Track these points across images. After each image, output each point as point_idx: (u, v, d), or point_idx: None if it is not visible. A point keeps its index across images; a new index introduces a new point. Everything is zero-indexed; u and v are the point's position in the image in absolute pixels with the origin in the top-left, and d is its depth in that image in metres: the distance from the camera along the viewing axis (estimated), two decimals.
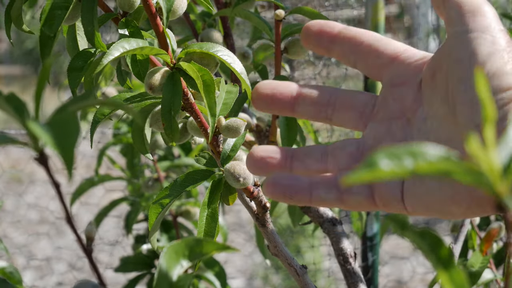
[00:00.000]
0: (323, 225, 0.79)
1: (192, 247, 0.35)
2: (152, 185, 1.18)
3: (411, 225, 0.30)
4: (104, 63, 0.51)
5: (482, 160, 0.27)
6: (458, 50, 0.46)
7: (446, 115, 0.47)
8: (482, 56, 0.45)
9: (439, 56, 0.48)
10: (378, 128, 0.50)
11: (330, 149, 0.50)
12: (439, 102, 0.47)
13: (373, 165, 0.27)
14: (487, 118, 0.28)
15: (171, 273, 0.35)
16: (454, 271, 0.28)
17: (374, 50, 0.51)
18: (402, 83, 0.50)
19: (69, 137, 0.29)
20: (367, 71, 0.52)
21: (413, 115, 0.49)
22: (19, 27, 0.60)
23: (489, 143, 0.27)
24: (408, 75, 0.50)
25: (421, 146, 0.27)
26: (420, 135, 0.48)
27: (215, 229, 0.60)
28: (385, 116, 0.50)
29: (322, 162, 0.50)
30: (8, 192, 3.36)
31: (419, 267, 2.59)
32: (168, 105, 0.55)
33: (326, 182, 0.48)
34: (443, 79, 0.47)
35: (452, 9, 0.47)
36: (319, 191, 0.48)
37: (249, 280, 2.67)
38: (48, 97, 3.15)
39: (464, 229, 0.86)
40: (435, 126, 0.48)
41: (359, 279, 0.75)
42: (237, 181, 0.59)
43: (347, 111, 0.51)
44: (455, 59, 0.46)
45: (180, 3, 0.57)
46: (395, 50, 0.50)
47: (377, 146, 0.49)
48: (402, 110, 0.50)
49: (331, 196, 0.48)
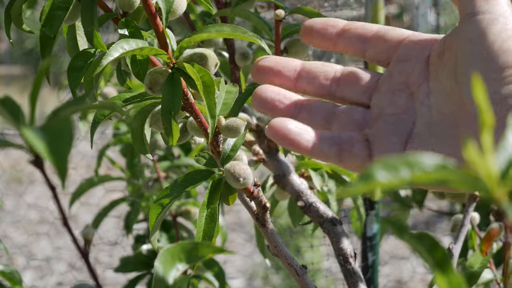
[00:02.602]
0: (323, 225, 0.79)
1: (188, 251, 0.35)
2: (152, 185, 1.18)
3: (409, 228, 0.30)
4: (103, 64, 0.51)
5: (480, 165, 0.27)
6: (470, 30, 0.47)
7: (452, 90, 0.48)
8: (493, 35, 0.46)
9: (450, 36, 0.49)
10: (382, 99, 0.51)
11: (338, 111, 0.52)
12: (445, 77, 0.49)
13: (370, 177, 0.27)
14: (485, 124, 0.27)
15: (167, 276, 0.35)
16: (452, 275, 0.28)
17: (382, 36, 0.52)
18: (408, 58, 0.51)
19: (62, 145, 0.28)
20: (376, 57, 0.52)
21: (417, 89, 0.50)
22: (19, 26, 0.60)
23: (486, 149, 0.27)
24: (415, 52, 0.51)
25: (417, 156, 0.27)
26: (422, 108, 0.50)
27: (214, 229, 0.60)
28: (389, 89, 0.51)
29: (327, 121, 0.51)
30: (8, 192, 3.35)
31: (419, 267, 2.59)
32: (168, 105, 0.55)
33: (331, 138, 0.49)
34: (452, 56, 0.48)
35: None
36: (323, 145, 0.49)
37: (249, 280, 2.67)
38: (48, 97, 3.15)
39: (464, 229, 0.86)
40: (439, 101, 0.49)
41: (359, 279, 0.75)
42: (237, 181, 0.59)
43: (351, 86, 0.52)
44: (466, 37, 0.47)
45: (180, 3, 0.57)
46: (402, 33, 0.52)
47: (380, 114, 0.51)
48: (407, 83, 0.51)
49: (332, 151, 0.49)
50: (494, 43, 0.46)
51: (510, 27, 0.46)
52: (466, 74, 0.46)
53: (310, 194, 0.79)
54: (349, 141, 0.49)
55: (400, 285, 2.57)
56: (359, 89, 0.52)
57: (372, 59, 0.53)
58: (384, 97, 0.51)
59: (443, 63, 0.49)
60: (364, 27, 0.53)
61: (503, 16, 0.47)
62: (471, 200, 0.85)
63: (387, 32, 0.52)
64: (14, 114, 0.32)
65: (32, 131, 0.29)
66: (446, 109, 0.48)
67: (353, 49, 0.53)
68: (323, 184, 0.88)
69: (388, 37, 0.52)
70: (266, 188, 0.86)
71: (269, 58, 0.52)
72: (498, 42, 0.46)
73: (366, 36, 0.52)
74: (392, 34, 0.52)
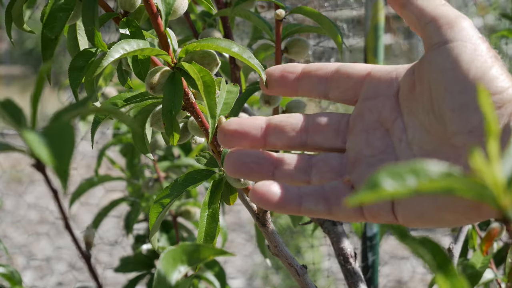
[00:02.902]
0: (323, 225, 0.79)
1: (190, 253, 0.35)
2: (152, 185, 1.18)
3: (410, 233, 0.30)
4: (104, 65, 0.51)
5: (486, 174, 0.27)
6: (440, 60, 0.46)
7: (431, 125, 0.46)
8: (465, 63, 0.45)
9: (418, 68, 0.48)
10: (357, 140, 0.50)
11: (314, 161, 0.50)
12: (421, 112, 0.47)
13: (376, 186, 0.26)
14: (491, 132, 0.27)
15: (169, 278, 0.35)
16: (455, 279, 0.28)
17: (344, 73, 0.51)
18: (376, 95, 0.50)
19: (64, 151, 0.28)
20: (340, 97, 0.51)
21: (391, 125, 0.49)
22: (20, 26, 0.59)
23: (492, 157, 0.27)
24: (382, 87, 0.49)
25: (423, 163, 0.27)
26: (401, 145, 0.48)
27: (216, 229, 0.60)
28: (362, 128, 0.50)
29: (305, 173, 0.50)
30: (8, 192, 3.35)
31: (419, 267, 2.59)
32: (169, 104, 0.55)
33: (315, 193, 0.48)
34: (424, 89, 0.47)
35: (429, 24, 0.47)
36: (309, 202, 0.47)
37: (249, 280, 2.67)
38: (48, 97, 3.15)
39: (465, 229, 0.86)
40: (418, 137, 0.47)
41: (359, 279, 0.75)
42: (237, 181, 0.59)
43: (321, 132, 0.51)
44: (438, 69, 0.46)
45: (181, 3, 0.57)
46: (364, 68, 0.51)
47: (358, 158, 0.49)
48: (379, 120, 0.49)
49: (320, 207, 0.47)
50: (469, 72, 0.44)
51: (480, 53, 0.45)
52: (445, 108, 0.45)
53: None
54: (335, 193, 0.48)
55: (400, 285, 2.57)
56: (331, 134, 0.51)
57: (337, 99, 0.51)
58: (359, 138, 0.50)
59: (416, 98, 0.48)
60: (323, 67, 0.51)
61: (471, 42, 0.45)
62: None
63: (348, 69, 0.51)
64: (16, 117, 0.32)
65: (34, 136, 0.29)
66: (428, 145, 0.47)
67: (315, 92, 0.51)
68: None
69: (349, 74, 0.50)
70: None
71: (233, 121, 0.51)
72: (472, 70, 0.44)
73: (326, 76, 0.51)
74: (353, 69, 0.51)
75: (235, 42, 0.56)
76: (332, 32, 0.70)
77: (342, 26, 1.53)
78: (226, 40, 0.56)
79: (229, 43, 0.55)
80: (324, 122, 0.51)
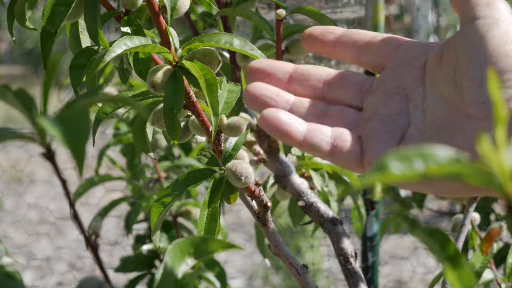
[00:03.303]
0: (324, 225, 0.79)
1: (198, 245, 0.35)
2: (152, 185, 1.18)
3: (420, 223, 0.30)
4: (106, 60, 0.51)
5: (493, 161, 0.27)
6: (471, 34, 0.47)
7: (450, 95, 0.48)
8: (494, 39, 0.46)
9: (449, 41, 0.49)
10: (375, 101, 0.51)
11: (330, 111, 0.51)
12: (442, 82, 0.49)
13: (384, 168, 0.26)
14: (498, 119, 0.27)
15: (176, 270, 0.35)
16: (463, 270, 0.28)
17: (378, 41, 0.52)
18: (404, 62, 0.51)
19: (79, 133, 0.28)
20: (372, 62, 0.52)
21: (412, 92, 0.50)
22: (22, 24, 0.60)
23: (500, 144, 0.27)
24: (411, 56, 0.51)
25: (431, 148, 0.27)
26: (416, 111, 0.50)
27: (216, 228, 0.60)
28: (384, 92, 0.51)
29: (318, 121, 0.51)
30: (8, 192, 3.36)
31: (419, 267, 2.59)
32: (170, 103, 0.55)
33: (323, 131, 0.49)
34: (451, 60, 0.48)
35: (468, 1, 0.49)
36: (314, 137, 0.48)
37: (249, 280, 2.67)
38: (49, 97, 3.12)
39: (465, 229, 0.86)
40: (434, 105, 0.49)
41: (360, 279, 0.75)
42: (238, 180, 0.59)
43: (343, 88, 0.52)
44: (467, 41, 0.47)
45: (183, 1, 0.57)
46: (398, 38, 0.52)
47: (373, 115, 0.50)
48: (402, 87, 0.51)
49: (323, 144, 0.48)
50: (495, 46, 0.46)
51: (510, 33, 0.47)
52: (466, 78, 0.47)
53: (311, 194, 0.79)
54: (341, 136, 0.49)
55: (400, 285, 2.58)
56: (352, 92, 0.52)
57: (368, 65, 0.53)
58: (378, 100, 0.51)
59: (441, 68, 0.49)
60: (361, 33, 0.53)
61: (503, 21, 0.47)
62: (472, 200, 0.85)
63: (383, 37, 0.52)
64: (28, 106, 0.32)
65: (49, 120, 0.29)
66: (442, 113, 0.48)
67: (350, 55, 0.53)
68: (324, 184, 0.88)
69: (384, 41, 0.52)
70: (267, 188, 0.86)
71: (263, 61, 0.52)
72: (499, 46, 0.46)
73: (363, 42, 0.53)
74: (388, 38, 0.52)
75: (236, 36, 0.56)
76: None
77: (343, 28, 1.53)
78: (226, 34, 0.56)
79: (230, 37, 0.56)
80: (348, 80, 0.52)
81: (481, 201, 1.08)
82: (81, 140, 0.28)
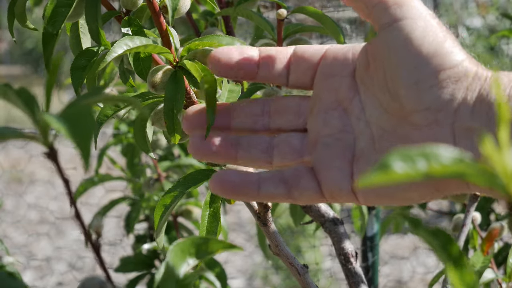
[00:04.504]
0: (325, 224, 0.79)
1: (199, 245, 0.35)
2: (153, 185, 1.18)
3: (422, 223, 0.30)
4: (108, 60, 0.51)
5: (496, 161, 0.27)
6: (391, 39, 0.45)
7: (388, 104, 0.46)
8: (417, 39, 0.44)
9: (370, 48, 0.47)
10: (316, 121, 0.49)
11: (276, 142, 0.50)
12: (377, 91, 0.47)
13: (386, 168, 0.26)
14: (502, 119, 0.27)
15: (178, 270, 0.35)
16: (465, 270, 0.28)
17: (300, 56, 0.50)
18: (333, 74, 0.49)
19: (84, 127, 0.28)
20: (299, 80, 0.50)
21: (349, 104, 0.48)
22: (23, 23, 0.59)
23: (503, 145, 0.27)
24: (338, 66, 0.49)
25: (434, 148, 0.27)
26: (360, 124, 0.48)
27: (217, 228, 0.60)
28: (321, 109, 0.49)
29: (267, 154, 0.50)
30: (8, 192, 3.36)
31: (419, 267, 2.59)
32: (170, 103, 0.55)
33: (273, 177, 0.48)
34: (378, 67, 0.46)
35: (377, 6, 0.46)
36: (268, 186, 0.47)
37: (249, 280, 2.67)
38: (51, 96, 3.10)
39: (465, 228, 0.86)
40: (376, 115, 0.47)
41: (360, 279, 0.75)
42: None
43: (281, 115, 0.51)
44: (390, 47, 0.45)
45: (184, 1, 0.57)
46: (320, 48, 0.50)
47: (317, 138, 0.49)
48: (337, 100, 0.49)
49: (279, 190, 0.48)
50: (421, 48, 0.44)
51: (432, 28, 0.45)
52: (400, 85, 0.45)
53: None
54: (294, 176, 0.48)
55: (400, 285, 2.58)
56: (291, 116, 0.50)
57: (296, 84, 0.50)
58: (317, 118, 0.49)
59: (371, 76, 0.47)
60: (284, 50, 0.50)
61: (421, 18, 0.45)
62: (473, 199, 0.85)
63: (305, 51, 0.50)
64: (30, 104, 0.32)
65: (53, 117, 0.29)
66: (386, 123, 0.46)
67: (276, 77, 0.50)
68: None
69: (307, 56, 0.50)
70: None
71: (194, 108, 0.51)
72: (425, 46, 0.44)
73: (287, 59, 0.50)
74: (310, 52, 0.50)
75: (236, 38, 0.56)
76: (334, 31, 0.70)
77: (345, 27, 1.53)
78: (227, 36, 0.56)
79: (231, 39, 0.56)
80: (284, 105, 0.51)
81: (482, 201, 1.08)
82: (87, 133, 0.28)
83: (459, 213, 0.97)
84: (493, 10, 2.66)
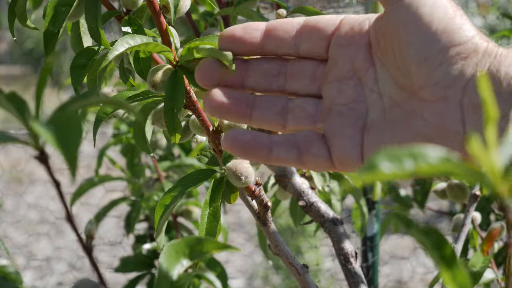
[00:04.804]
0: (324, 224, 0.79)
1: (193, 246, 0.35)
2: (152, 185, 1.18)
3: (415, 223, 0.30)
4: (109, 58, 0.51)
5: (483, 160, 0.27)
6: (400, 15, 0.45)
7: (398, 79, 0.46)
8: (426, 15, 0.44)
9: (379, 24, 0.47)
10: (330, 88, 0.49)
11: (290, 107, 0.50)
12: (390, 65, 0.47)
13: (373, 168, 0.27)
14: (489, 118, 0.27)
15: (172, 272, 0.35)
16: (457, 270, 0.28)
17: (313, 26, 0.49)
18: (349, 43, 0.49)
19: (72, 136, 0.28)
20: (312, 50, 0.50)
21: (364, 74, 0.48)
22: (23, 23, 0.60)
23: (490, 144, 0.27)
24: (354, 35, 0.49)
25: (422, 148, 0.27)
26: (373, 95, 0.48)
27: (217, 227, 0.60)
28: (337, 76, 0.49)
29: (282, 117, 0.50)
30: (8, 192, 3.36)
31: (419, 267, 2.59)
32: (170, 103, 0.55)
33: (286, 141, 0.48)
34: (387, 44, 0.46)
35: None
36: (279, 150, 0.48)
37: (249, 280, 2.67)
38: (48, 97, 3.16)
39: (466, 228, 0.86)
40: (388, 88, 0.47)
41: (360, 279, 0.75)
42: (239, 179, 0.59)
43: (298, 78, 0.50)
44: (398, 24, 0.45)
45: (184, 1, 0.57)
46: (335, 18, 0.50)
47: (331, 106, 0.49)
48: (353, 69, 0.49)
49: (290, 155, 0.48)
50: (431, 24, 0.44)
51: (441, 4, 0.44)
52: (409, 62, 0.45)
53: (311, 194, 0.79)
54: (306, 141, 0.48)
55: (400, 285, 2.57)
56: (307, 81, 0.50)
57: (308, 54, 0.50)
58: (332, 86, 0.49)
59: (383, 51, 0.47)
60: (290, 21, 0.50)
61: None
62: (473, 199, 0.85)
63: (319, 21, 0.49)
64: (20, 109, 0.32)
65: (41, 124, 0.29)
66: (397, 96, 0.47)
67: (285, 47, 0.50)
68: (324, 184, 0.88)
69: (320, 25, 0.49)
70: (268, 188, 0.86)
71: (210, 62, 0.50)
72: (434, 23, 0.44)
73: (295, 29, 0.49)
74: (324, 22, 0.49)
75: None
76: None
77: None
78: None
79: None
80: (300, 70, 0.50)
81: (482, 201, 1.08)
82: (74, 143, 0.28)
83: (459, 213, 0.97)
84: (494, 10, 2.66)
